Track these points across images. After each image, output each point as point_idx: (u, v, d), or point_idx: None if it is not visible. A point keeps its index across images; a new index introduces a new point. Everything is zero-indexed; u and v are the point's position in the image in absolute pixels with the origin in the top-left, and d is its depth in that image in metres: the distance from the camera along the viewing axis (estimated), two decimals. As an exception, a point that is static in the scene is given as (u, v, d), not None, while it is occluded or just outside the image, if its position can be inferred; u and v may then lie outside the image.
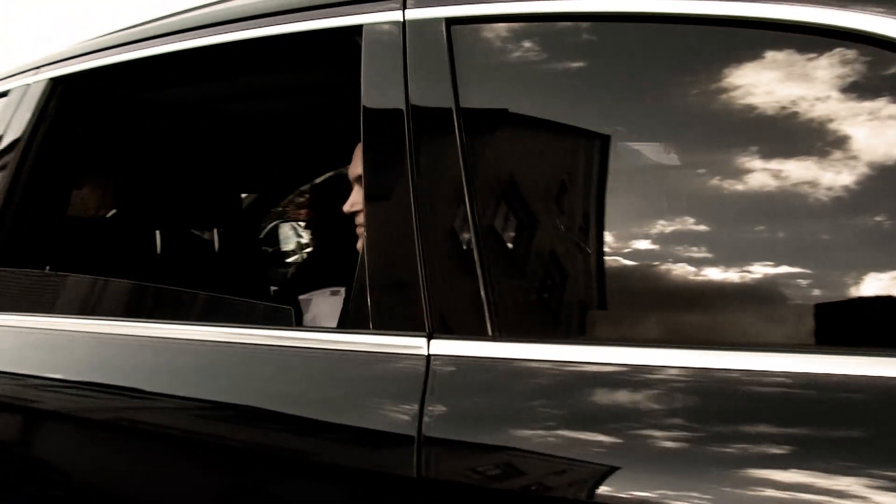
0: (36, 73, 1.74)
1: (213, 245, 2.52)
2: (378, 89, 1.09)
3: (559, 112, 1.01)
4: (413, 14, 1.09)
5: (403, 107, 1.05)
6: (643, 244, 0.91)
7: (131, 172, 2.07)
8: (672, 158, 0.94)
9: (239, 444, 1.07)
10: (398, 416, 0.90)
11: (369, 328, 1.00)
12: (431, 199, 1.00)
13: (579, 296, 0.94)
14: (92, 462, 1.24)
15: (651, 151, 0.96)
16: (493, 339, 0.91)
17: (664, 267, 0.88)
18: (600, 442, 0.81)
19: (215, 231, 2.58)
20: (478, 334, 0.92)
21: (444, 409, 0.88)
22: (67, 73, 1.66)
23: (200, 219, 2.11)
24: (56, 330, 1.40)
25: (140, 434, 1.20)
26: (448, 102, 1.01)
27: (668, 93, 0.93)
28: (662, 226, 0.89)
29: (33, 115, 1.68)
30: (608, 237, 0.93)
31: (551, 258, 0.95)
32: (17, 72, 1.83)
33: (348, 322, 1.06)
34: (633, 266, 0.91)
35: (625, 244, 0.92)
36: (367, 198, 1.07)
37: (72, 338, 1.36)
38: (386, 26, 1.11)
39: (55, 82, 1.68)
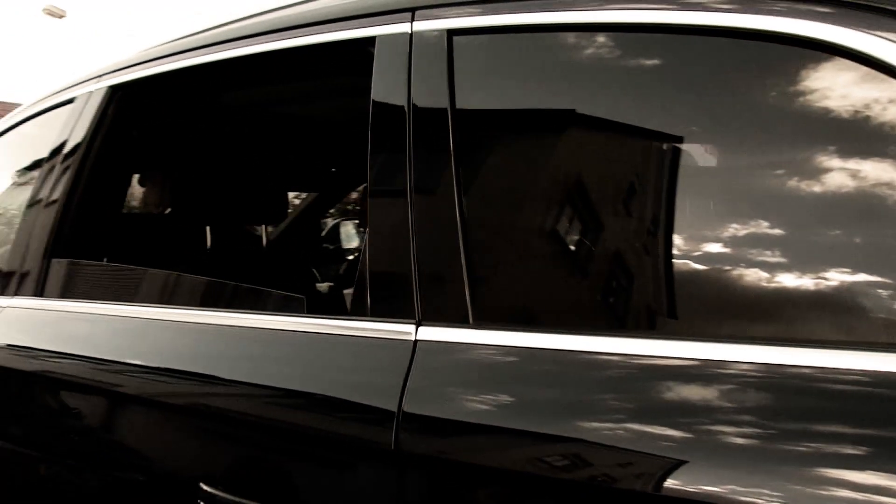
0: (97, 82, 1.88)
1: (261, 240, 2.66)
2: (384, 95, 1.17)
3: (544, 115, 1.09)
4: (419, 26, 1.17)
5: (405, 111, 1.13)
6: (620, 238, 0.97)
7: (185, 172, 2.20)
8: (698, 156, 0.99)
9: (261, 420, 1.17)
10: (383, 393, 0.98)
11: (367, 315, 1.09)
12: (425, 198, 1.08)
13: (552, 289, 1.01)
14: (164, 442, 1.32)
15: (633, 152, 1.02)
16: (474, 326, 0.99)
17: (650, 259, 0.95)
18: (573, 423, 0.87)
19: (263, 227, 2.73)
20: (460, 322, 1.00)
21: (423, 388, 0.96)
22: (125, 81, 1.79)
23: (250, 215, 2.23)
24: (129, 317, 1.51)
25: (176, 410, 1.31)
26: (444, 107, 1.09)
27: (662, 100, 0.99)
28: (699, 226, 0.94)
29: (94, 119, 1.82)
30: (583, 237, 0.99)
31: (528, 256, 1.03)
32: (81, 80, 1.98)
33: (351, 309, 1.15)
34: (610, 260, 0.98)
35: (602, 242, 0.99)
36: (371, 195, 1.16)
37: (144, 324, 1.46)
38: (395, 37, 1.20)
39: (114, 89, 1.82)
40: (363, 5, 1.28)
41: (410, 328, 1.02)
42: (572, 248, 1.00)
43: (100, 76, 1.89)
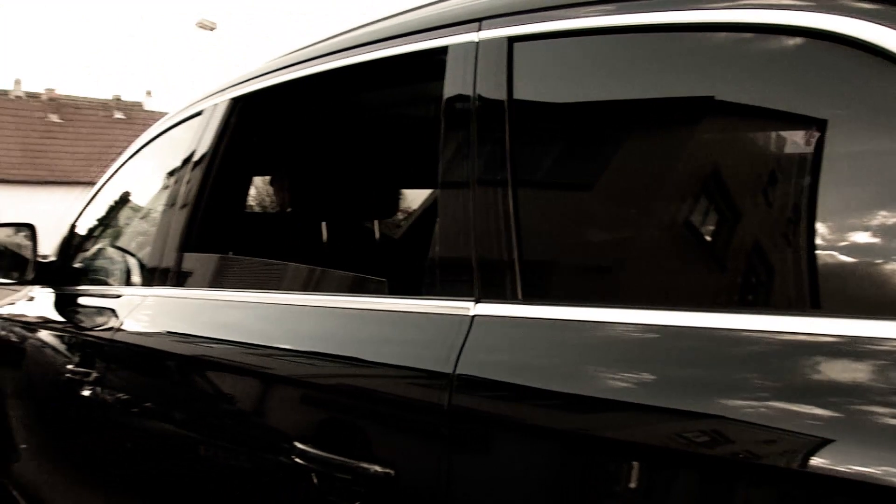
0: (221, 95, 2.10)
1: (374, 234, 2.86)
2: (453, 99, 1.31)
3: (589, 113, 1.20)
4: (485, 34, 1.29)
5: (470, 113, 1.27)
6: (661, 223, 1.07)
7: (303, 174, 2.41)
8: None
9: (347, 388, 1.33)
10: (443, 359, 1.12)
11: (436, 294, 1.24)
12: (484, 191, 1.21)
13: (593, 267, 1.13)
14: (304, 419, 1.44)
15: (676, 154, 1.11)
16: (523, 302, 1.11)
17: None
18: (616, 387, 0.97)
19: (376, 222, 2.93)
20: (511, 299, 1.13)
21: (476, 355, 1.10)
22: (244, 93, 2.01)
23: (364, 212, 2.41)
24: (273, 304, 1.67)
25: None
26: (502, 108, 1.22)
27: (713, 101, 1.05)
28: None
29: (219, 129, 2.04)
30: (631, 225, 1.10)
31: (572, 240, 1.14)
32: (208, 94, 2.21)
33: (422, 289, 1.30)
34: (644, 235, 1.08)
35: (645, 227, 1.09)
36: (441, 188, 1.30)
37: (286, 310, 1.63)
38: (464, 46, 1.33)
39: (235, 101, 2.03)
40: (440, 18, 1.42)
41: (470, 304, 1.16)
42: (605, 234, 1.11)
43: (223, 89, 2.11)
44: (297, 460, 1.30)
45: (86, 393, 2.18)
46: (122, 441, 2.06)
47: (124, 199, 2.94)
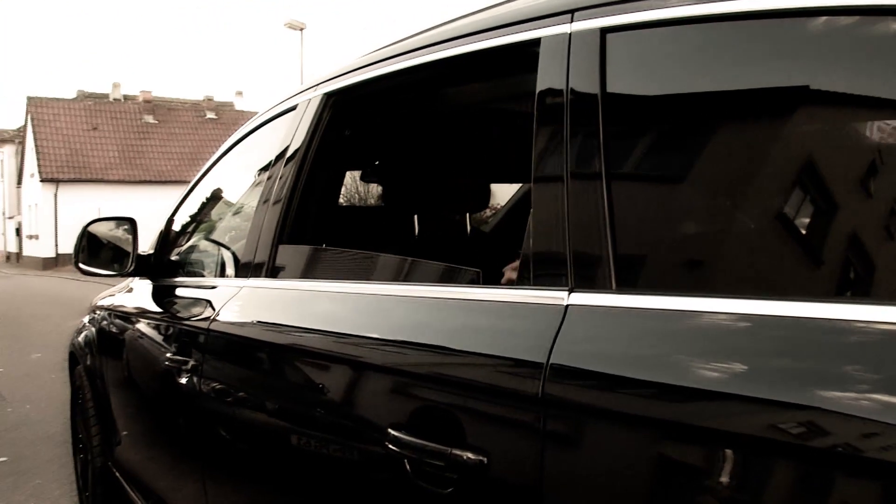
0: (315, 90, 2.15)
1: (466, 226, 2.88)
2: (546, 91, 1.31)
3: (680, 104, 1.18)
4: (577, 26, 1.29)
5: (563, 105, 1.26)
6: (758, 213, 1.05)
7: (395, 167, 2.44)
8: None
9: (442, 377, 1.34)
10: (537, 348, 1.13)
11: (531, 285, 1.24)
12: (577, 183, 1.21)
13: (686, 257, 1.11)
14: (396, 407, 1.45)
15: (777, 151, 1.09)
16: (616, 292, 1.11)
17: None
18: (710, 377, 0.95)
19: (468, 215, 2.95)
20: (604, 289, 1.12)
21: (570, 344, 1.10)
22: (336, 89, 2.04)
23: (456, 204, 2.43)
24: (367, 294, 1.69)
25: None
26: (594, 99, 1.22)
27: (814, 90, 1.02)
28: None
29: (312, 123, 2.08)
30: (710, 217, 1.08)
31: (666, 231, 1.13)
32: (301, 90, 2.26)
33: (518, 280, 1.30)
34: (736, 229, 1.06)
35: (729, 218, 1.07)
36: (534, 181, 1.30)
37: (380, 300, 1.64)
38: (557, 38, 1.33)
39: (328, 96, 2.07)
40: (533, 10, 1.42)
41: (564, 294, 1.16)
42: (698, 225, 1.09)
43: (316, 85, 2.16)
44: (390, 447, 1.32)
45: (182, 380, 2.26)
46: (215, 426, 2.12)
47: (218, 195, 3.03)
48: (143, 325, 2.95)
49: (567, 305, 1.14)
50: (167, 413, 2.62)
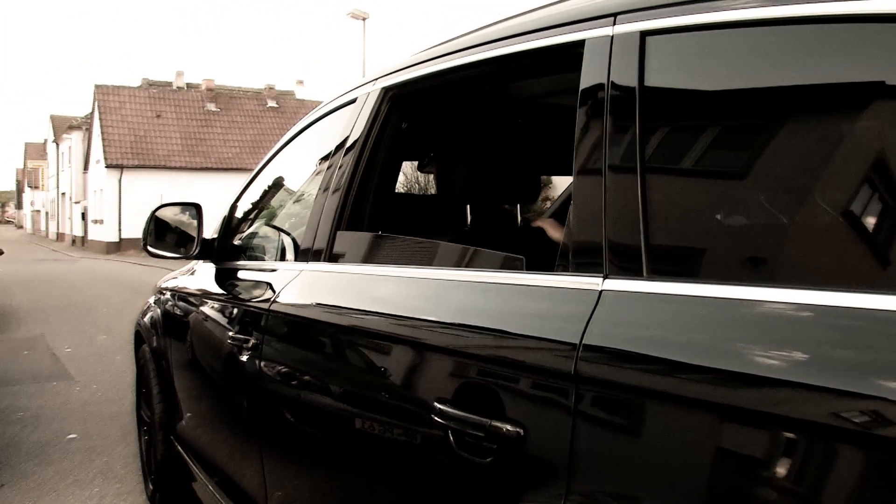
0: (374, 84, 2.25)
1: (513, 216, 2.97)
2: (589, 90, 1.38)
3: (714, 104, 1.25)
4: (619, 29, 1.36)
5: (604, 103, 1.34)
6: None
7: (447, 159, 2.54)
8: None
9: (483, 356, 1.44)
10: (571, 330, 1.22)
11: (569, 271, 1.33)
12: (614, 177, 1.29)
13: (714, 246, 1.18)
14: (442, 383, 1.53)
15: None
16: (647, 279, 1.19)
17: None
18: (738, 360, 1.00)
19: (518, 205, 3.04)
20: (636, 275, 1.20)
21: (601, 327, 1.18)
22: (394, 83, 2.15)
23: (504, 195, 2.51)
24: (418, 278, 1.80)
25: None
26: (633, 98, 1.29)
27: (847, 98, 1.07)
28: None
29: (370, 116, 2.19)
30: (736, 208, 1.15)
31: (696, 222, 1.20)
32: (360, 84, 2.36)
33: (556, 266, 1.38)
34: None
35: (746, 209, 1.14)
36: (575, 174, 1.38)
37: (430, 283, 1.73)
38: (600, 39, 1.40)
39: (385, 90, 2.18)
40: (579, 12, 1.50)
41: (598, 280, 1.24)
42: (725, 217, 1.16)
43: (375, 79, 2.27)
44: (436, 419, 1.42)
45: (242, 358, 2.39)
46: (272, 402, 2.24)
47: (279, 183, 3.16)
48: (205, 306, 3.10)
49: (601, 291, 1.23)
50: (227, 390, 2.76)
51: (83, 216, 46.94)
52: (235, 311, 2.71)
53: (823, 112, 1.10)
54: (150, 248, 3.20)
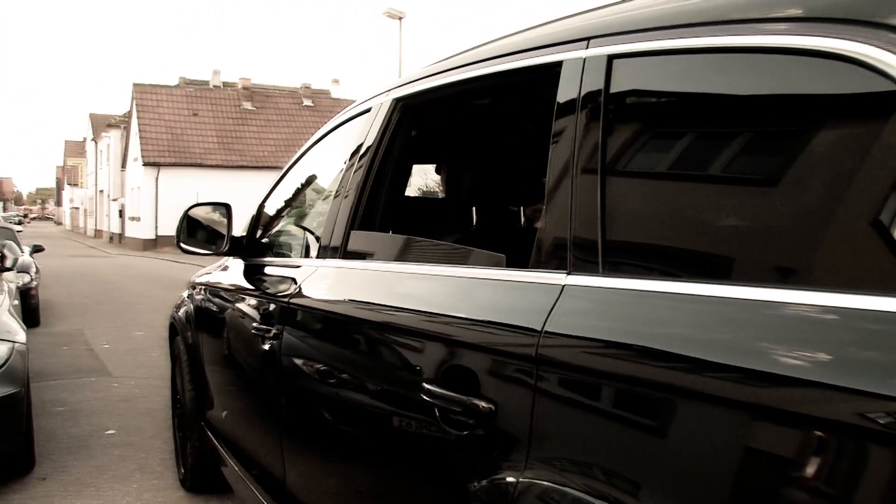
0: (386, 95, 2.44)
1: (520, 218, 3.16)
2: (562, 105, 1.54)
3: (667, 120, 1.41)
4: (591, 52, 1.52)
5: (575, 117, 1.51)
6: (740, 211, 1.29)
7: (455, 163, 2.73)
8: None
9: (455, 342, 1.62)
10: (535, 319, 1.40)
11: (540, 268, 1.51)
12: (581, 181, 1.46)
13: (664, 246, 1.35)
14: (429, 365, 1.75)
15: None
16: (602, 275, 1.36)
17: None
18: (670, 340, 1.16)
19: (521, 208, 3.23)
20: (594, 272, 1.38)
21: (561, 316, 1.36)
22: (403, 94, 2.33)
23: (510, 198, 2.70)
24: (426, 275, 1.98)
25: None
26: (598, 114, 1.45)
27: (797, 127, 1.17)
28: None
29: (383, 125, 2.37)
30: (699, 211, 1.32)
31: (649, 224, 1.36)
32: (375, 94, 2.55)
33: (531, 263, 1.56)
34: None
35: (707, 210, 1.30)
36: (549, 178, 1.55)
37: (419, 278, 1.96)
38: (575, 61, 1.57)
39: (396, 101, 2.36)
40: (558, 35, 1.67)
41: (563, 275, 1.42)
42: (674, 220, 1.32)
43: (388, 90, 2.45)
44: (425, 398, 1.61)
45: (265, 347, 2.60)
46: (290, 387, 2.46)
47: (303, 184, 3.37)
48: (233, 299, 3.33)
49: (563, 285, 1.41)
50: (250, 378, 2.99)
51: (120, 213, 47.62)
52: (260, 303, 2.92)
53: (760, 124, 1.25)
54: (182, 245, 3.42)
